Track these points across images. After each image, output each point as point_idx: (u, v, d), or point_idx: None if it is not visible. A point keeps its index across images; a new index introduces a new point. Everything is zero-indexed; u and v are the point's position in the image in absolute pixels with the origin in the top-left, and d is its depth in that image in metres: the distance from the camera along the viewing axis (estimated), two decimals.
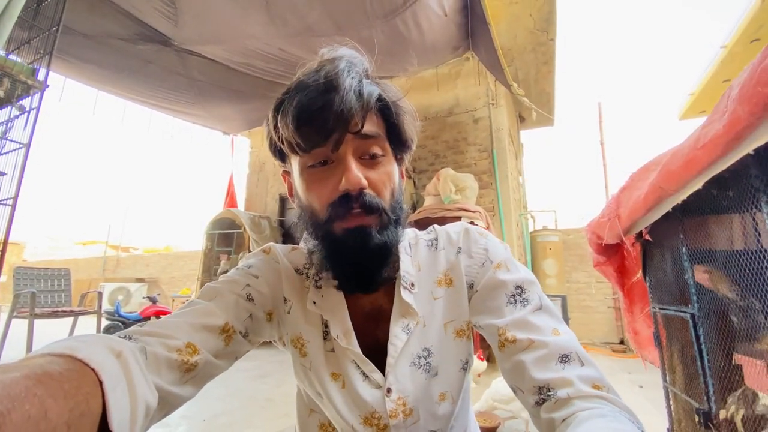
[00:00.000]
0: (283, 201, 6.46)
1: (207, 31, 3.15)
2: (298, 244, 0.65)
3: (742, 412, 0.77)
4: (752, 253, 0.90)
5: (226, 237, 5.95)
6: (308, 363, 0.57)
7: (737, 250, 1.02)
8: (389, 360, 0.54)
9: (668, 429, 1.49)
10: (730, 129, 0.61)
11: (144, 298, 5.91)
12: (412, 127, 0.55)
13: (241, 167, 7.09)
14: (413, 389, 0.54)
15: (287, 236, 6.17)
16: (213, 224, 6.07)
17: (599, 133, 6.92)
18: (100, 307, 4.11)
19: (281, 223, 6.31)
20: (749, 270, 0.89)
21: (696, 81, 4.58)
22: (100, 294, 4.32)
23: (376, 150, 0.51)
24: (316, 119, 0.46)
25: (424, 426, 0.55)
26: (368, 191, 0.49)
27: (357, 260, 0.50)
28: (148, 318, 4.79)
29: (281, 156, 0.56)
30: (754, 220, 1.04)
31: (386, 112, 0.52)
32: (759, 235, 1.01)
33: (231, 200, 6.63)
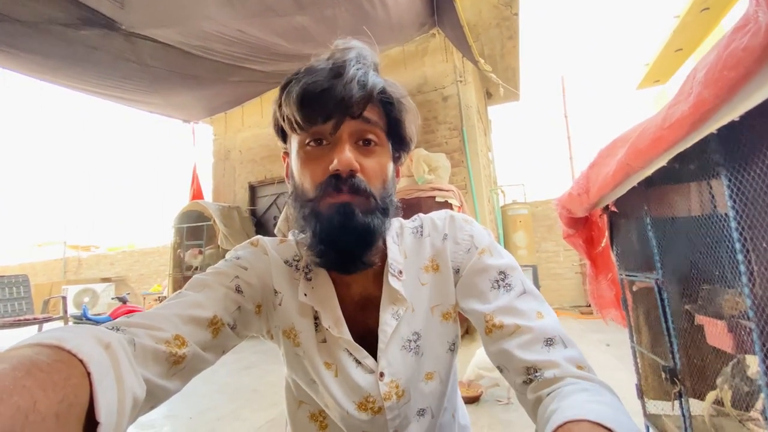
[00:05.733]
0: (253, 189, 6.26)
1: (157, 13, 2.93)
2: (272, 234, 0.65)
3: (730, 393, 0.84)
4: (708, 218, 0.97)
5: (196, 230, 5.75)
6: (302, 352, 0.58)
7: (696, 216, 1.09)
8: (380, 345, 0.56)
9: (636, 384, 1.61)
10: (695, 110, 0.64)
11: (113, 298, 5.68)
12: (413, 126, 0.57)
13: (205, 156, 6.80)
14: (404, 371, 0.56)
15: (259, 226, 6.04)
16: (180, 217, 5.84)
17: (563, 106, 7.10)
18: (65, 311, 3.92)
19: (252, 213, 6.15)
20: (707, 234, 0.95)
21: (651, 51, 4.74)
22: (64, 299, 4.11)
23: (372, 137, 0.53)
24: (318, 101, 0.49)
25: (415, 405, 0.58)
26: (359, 175, 0.50)
27: (339, 237, 0.50)
28: None
29: (283, 136, 0.59)
30: (710, 188, 1.12)
31: (388, 107, 0.54)
32: (714, 201, 1.09)
33: (197, 191, 6.37)
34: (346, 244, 0.51)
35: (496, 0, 4.20)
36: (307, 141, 0.52)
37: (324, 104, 0.48)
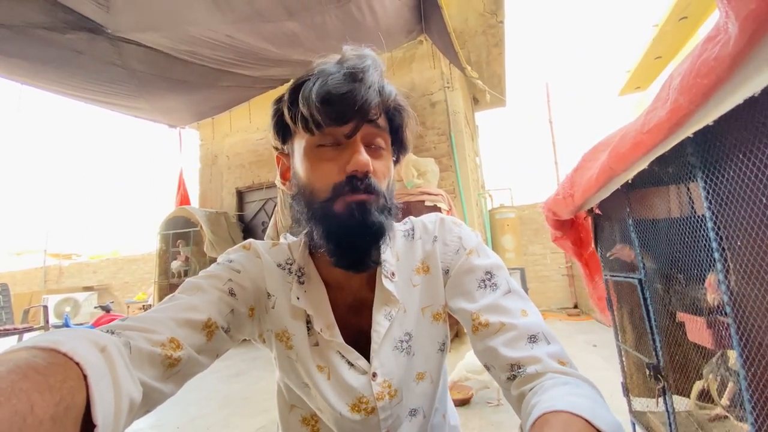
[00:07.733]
0: (240, 195, 6.21)
1: (143, 17, 2.91)
2: (260, 239, 0.66)
3: (716, 384, 0.88)
4: (687, 219, 1.01)
5: (182, 236, 5.67)
6: (294, 355, 0.58)
7: (675, 217, 1.13)
8: (373, 346, 0.57)
9: (622, 383, 1.65)
10: (672, 116, 0.68)
11: (96, 307, 5.54)
12: (411, 134, 0.61)
13: (192, 162, 6.71)
14: (397, 371, 0.57)
15: (247, 232, 5.97)
16: (166, 224, 5.75)
17: (548, 112, 7.25)
18: (47, 321, 3.82)
19: (240, 218, 6.09)
20: (684, 234, 0.99)
21: (632, 59, 4.89)
22: (45, 308, 4.00)
23: (381, 142, 0.55)
24: (339, 102, 0.50)
25: (407, 405, 0.59)
26: (372, 176, 0.52)
27: (355, 235, 0.52)
28: None
29: (283, 137, 0.59)
30: (688, 191, 1.16)
31: (394, 113, 0.57)
32: (692, 203, 1.13)
33: (183, 197, 6.27)
34: (361, 241, 0.52)
35: (482, 8, 4.29)
36: (318, 143, 0.53)
37: (346, 107, 0.50)
